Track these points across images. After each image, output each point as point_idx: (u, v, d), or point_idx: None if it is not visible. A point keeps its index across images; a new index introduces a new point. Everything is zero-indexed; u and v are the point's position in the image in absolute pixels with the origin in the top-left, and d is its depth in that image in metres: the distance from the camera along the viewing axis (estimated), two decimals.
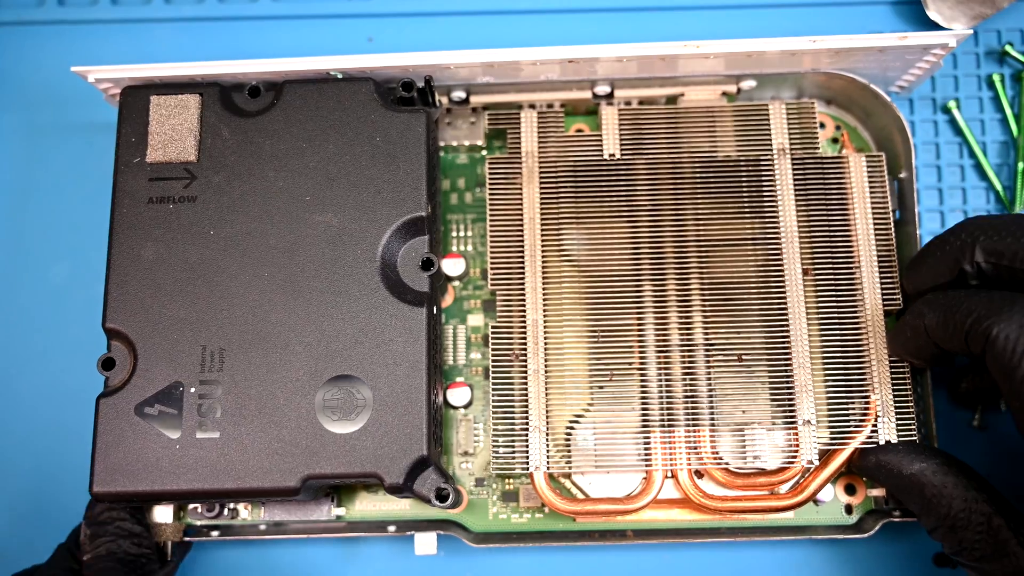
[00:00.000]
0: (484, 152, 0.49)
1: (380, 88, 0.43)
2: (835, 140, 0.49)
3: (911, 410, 0.43)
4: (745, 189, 0.44)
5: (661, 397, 0.42)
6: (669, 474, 0.43)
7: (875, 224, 0.44)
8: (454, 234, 0.48)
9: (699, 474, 0.44)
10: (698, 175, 0.44)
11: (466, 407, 0.46)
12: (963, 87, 0.52)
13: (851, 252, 0.44)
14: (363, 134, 0.43)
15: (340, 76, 0.44)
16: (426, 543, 0.43)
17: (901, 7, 0.52)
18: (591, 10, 0.53)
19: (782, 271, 0.43)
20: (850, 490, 0.45)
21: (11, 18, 0.53)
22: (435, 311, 0.43)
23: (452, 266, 0.46)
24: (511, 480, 0.45)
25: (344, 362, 0.40)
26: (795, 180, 0.44)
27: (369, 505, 0.45)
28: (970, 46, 0.52)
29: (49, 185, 0.51)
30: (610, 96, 0.47)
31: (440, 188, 0.47)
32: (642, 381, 0.43)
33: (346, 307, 0.41)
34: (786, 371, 0.42)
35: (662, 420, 0.42)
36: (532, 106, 0.48)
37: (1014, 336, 0.34)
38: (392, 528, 0.44)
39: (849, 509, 0.45)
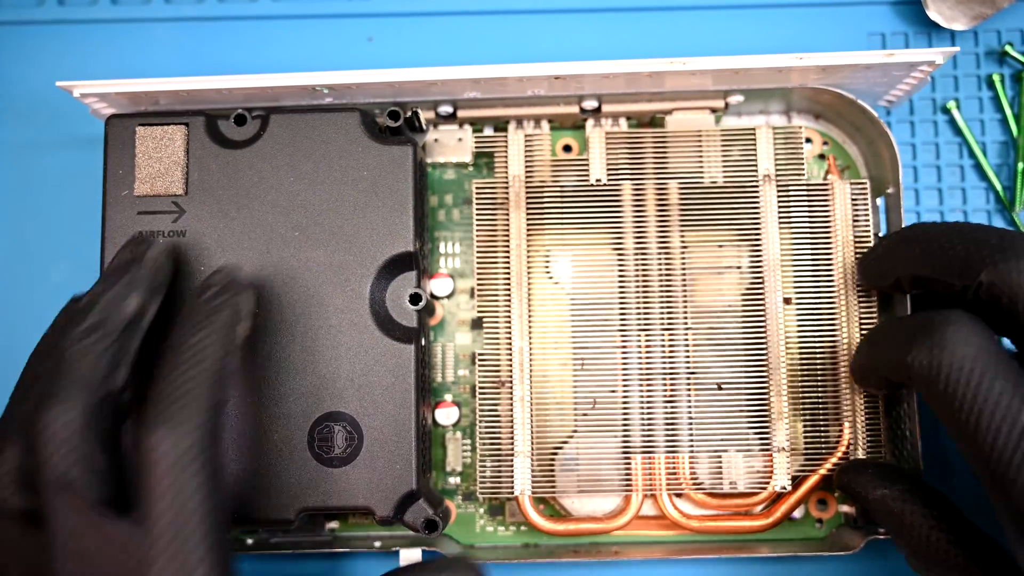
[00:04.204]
0: (471, 168, 0.51)
1: (366, 118, 0.45)
2: (822, 156, 0.49)
3: (879, 440, 0.46)
4: (731, 215, 0.47)
5: (643, 423, 0.46)
6: (649, 494, 0.46)
7: (856, 253, 0.46)
8: (441, 251, 0.50)
9: (678, 494, 0.46)
10: (684, 201, 0.47)
11: (454, 426, 0.48)
12: (963, 87, 0.53)
13: (831, 281, 0.45)
14: (350, 168, 0.44)
15: (326, 91, 0.46)
16: (411, 559, 0.46)
17: (901, 7, 0.53)
18: (590, 10, 0.54)
19: (763, 299, 0.44)
20: (822, 505, 0.48)
21: (11, 18, 0.54)
22: (423, 343, 0.45)
23: (440, 286, 0.49)
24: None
25: (335, 399, 0.43)
26: (779, 208, 0.46)
27: (363, 519, 0.48)
28: (970, 46, 0.53)
29: (50, 185, 0.53)
30: (597, 110, 0.49)
31: (428, 213, 0.49)
32: (624, 408, 0.46)
33: (336, 344, 0.43)
34: (763, 399, 0.45)
35: (643, 446, 0.45)
36: (519, 122, 0.50)
37: (926, 363, 0.35)
38: (377, 544, 0.47)
39: (820, 523, 0.48)
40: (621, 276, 0.46)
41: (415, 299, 0.44)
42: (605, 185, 0.47)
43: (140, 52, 0.54)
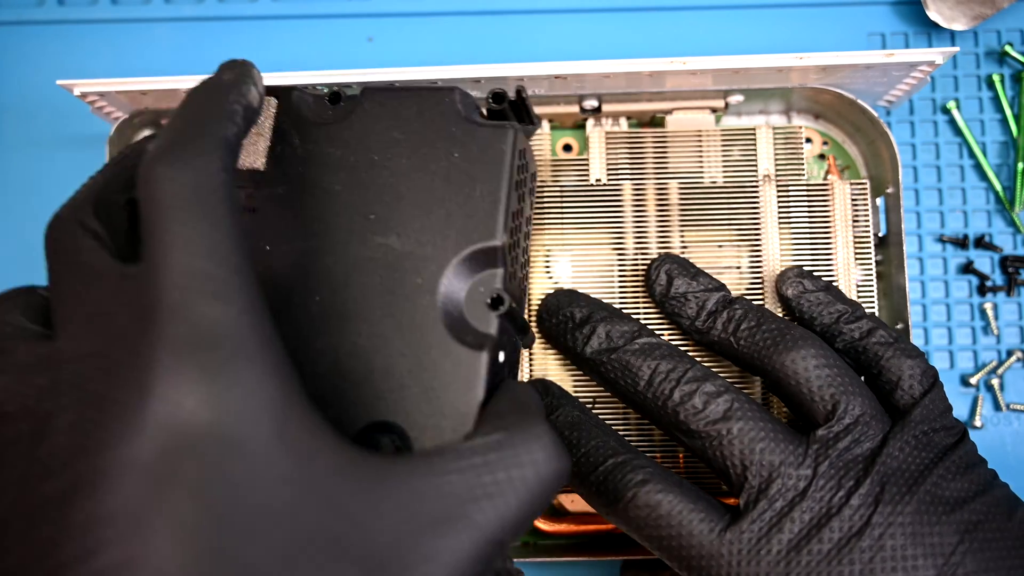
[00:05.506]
0: None
1: (467, 99, 0.40)
2: (822, 156, 0.49)
3: None
4: (731, 215, 0.47)
5: (640, 423, 0.44)
6: None
7: (856, 252, 0.45)
8: None
9: None
10: (684, 201, 0.47)
11: None
12: (963, 87, 0.53)
13: (832, 280, 0.45)
14: (440, 149, 0.39)
15: (324, 90, 0.43)
16: None
17: (901, 7, 0.53)
18: (590, 10, 0.54)
19: (763, 299, 0.45)
20: None
21: (11, 18, 0.55)
22: (505, 361, 0.38)
23: None
24: None
25: (385, 407, 0.36)
26: (779, 208, 0.46)
27: None
28: (970, 46, 0.53)
29: (51, 184, 0.54)
30: (598, 110, 0.49)
31: (530, 217, 0.44)
32: (625, 408, 0.45)
33: (398, 343, 0.37)
34: (764, 398, 0.44)
35: (639, 445, 0.44)
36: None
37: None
38: None
39: None
40: (621, 276, 0.46)
41: (496, 302, 0.37)
42: (605, 185, 0.47)
43: (140, 52, 0.54)
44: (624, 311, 0.45)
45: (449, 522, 0.28)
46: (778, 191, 0.47)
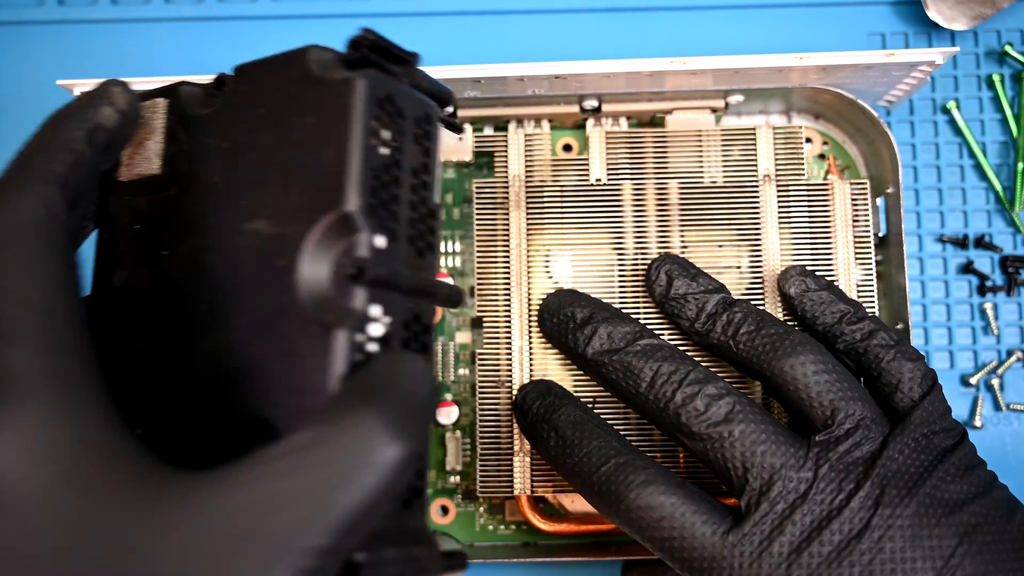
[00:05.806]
0: (471, 167, 0.51)
1: (323, 56, 0.35)
2: (822, 156, 0.49)
3: None
4: (731, 215, 0.47)
5: (640, 423, 0.44)
6: None
7: (856, 252, 0.45)
8: (441, 250, 0.50)
9: None
10: (684, 201, 0.47)
11: (454, 425, 0.49)
12: (963, 87, 0.53)
13: (832, 280, 0.45)
14: (296, 117, 0.34)
15: None
16: None
17: (901, 7, 0.53)
18: (590, 10, 0.54)
19: (763, 300, 0.45)
20: None
21: (11, 18, 0.55)
22: (381, 332, 0.32)
23: None
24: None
25: (261, 401, 0.33)
26: (779, 208, 0.46)
27: None
28: (970, 46, 0.53)
29: None
30: (598, 110, 0.49)
31: (426, 165, 0.37)
32: (625, 408, 0.45)
33: (268, 333, 0.33)
34: (764, 398, 0.44)
35: (640, 445, 0.44)
36: (520, 121, 0.49)
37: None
38: None
39: None
40: (621, 276, 0.46)
41: (356, 272, 0.31)
42: (605, 185, 0.47)
43: (140, 52, 0.54)
44: (624, 311, 0.45)
45: (249, 538, 0.25)
46: (778, 191, 0.47)
